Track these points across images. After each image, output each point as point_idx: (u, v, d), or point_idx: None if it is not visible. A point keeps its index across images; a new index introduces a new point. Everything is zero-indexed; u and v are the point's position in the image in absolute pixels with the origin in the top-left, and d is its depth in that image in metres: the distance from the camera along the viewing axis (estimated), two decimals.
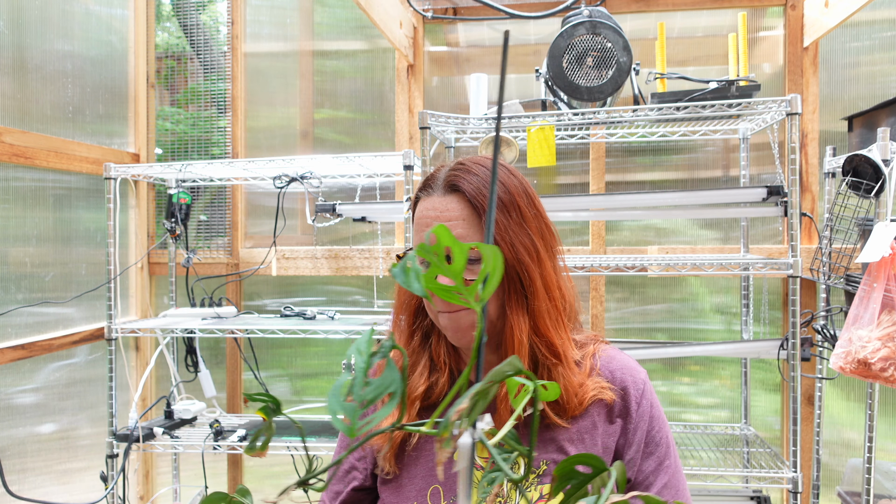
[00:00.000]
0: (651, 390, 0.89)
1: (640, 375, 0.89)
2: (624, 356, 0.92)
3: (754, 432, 2.01)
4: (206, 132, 2.43)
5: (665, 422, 0.89)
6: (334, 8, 2.41)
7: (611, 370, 0.88)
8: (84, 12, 2.16)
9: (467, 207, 0.81)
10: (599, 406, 0.86)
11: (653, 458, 0.86)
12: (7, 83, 1.86)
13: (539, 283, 0.82)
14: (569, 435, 0.84)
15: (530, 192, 0.87)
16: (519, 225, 0.82)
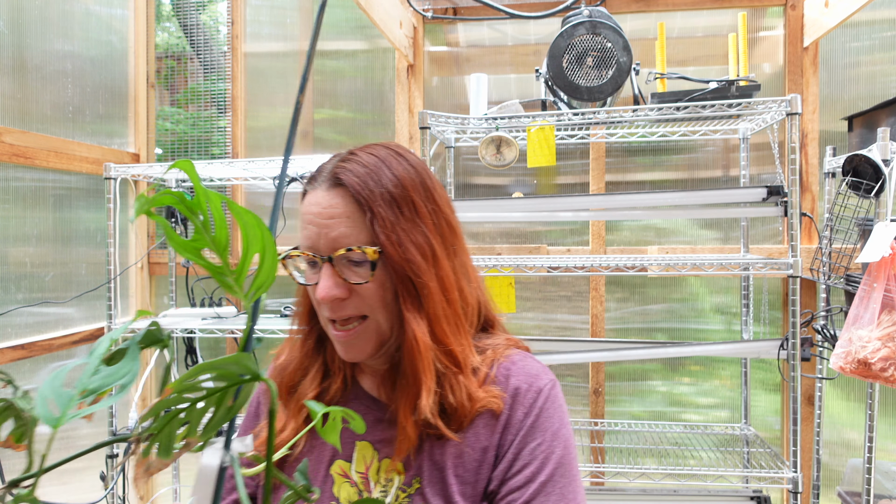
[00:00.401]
0: (550, 400, 0.79)
1: (539, 383, 0.79)
2: (530, 363, 0.82)
3: (754, 432, 2.01)
4: (206, 132, 2.43)
5: (560, 438, 0.77)
6: (334, 8, 2.41)
7: (507, 377, 0.79)
8: (84, 12, 2.16)
9: (351, 203, 0.73)
10: (487, 417, 0.77)
11: (525, 472, 0.74)
12: (7, 83, 1.86)
13: (434, 285, 0.75)
14: (454, 449, 0.76)
15: (430, 184, 0.79)
16: (411, 222, 0.75)
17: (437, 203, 0.79)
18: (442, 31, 2.32)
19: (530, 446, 0.75)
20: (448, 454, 0.76)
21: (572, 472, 0.76)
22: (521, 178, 2.28)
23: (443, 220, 0.79)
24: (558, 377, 2.28)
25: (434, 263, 0.75)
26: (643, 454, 1.97)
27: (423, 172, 0.80)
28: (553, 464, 0.75)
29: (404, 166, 0.77)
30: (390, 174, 0.75)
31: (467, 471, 0.75)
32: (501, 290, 1.77)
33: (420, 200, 0.76)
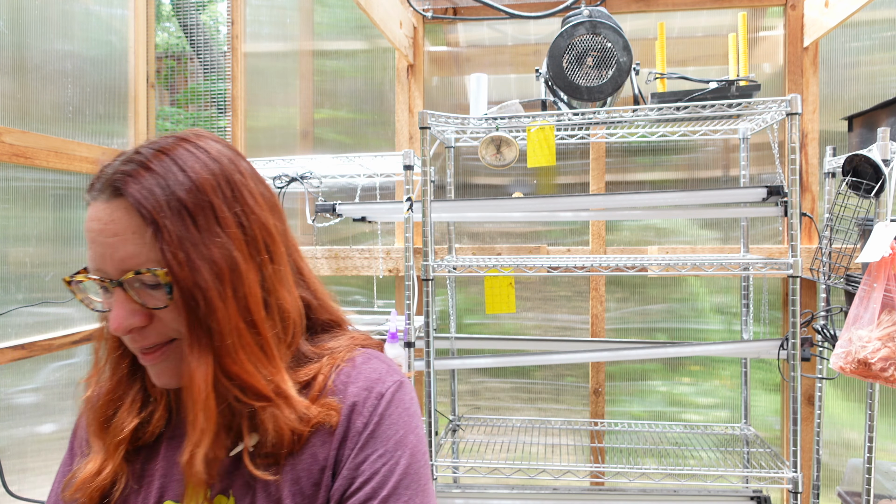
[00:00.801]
0: (394, 404, 0.70)
1: (380, 388, 0.70)
2: (373, 365, 0.73)
3: (754, 432, 2.01)
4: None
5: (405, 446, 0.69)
6: (334, 8, 2.41)
7: (346, 384, 0.70)
8: (84, 12, 2.16)
9: (135, 217, 0.62)
10: (323, 434, 0.68)
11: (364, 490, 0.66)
12: (7, 83, 1.86)
13: (230, 309, 0.64)
14: (291, 475, 0.67)
15: (238, 179, 0.68)
16: (206, 232, 0.64)
17: (245, 202, 0.67)
18: (442, 31, 2.32)
19: (370, 459, 0.67)
20: (285, 482, 0.67)
21: (420, 482, 0.68)
22: (521, 178, 2.28)
23: (254, 222, 0.67)
24: (558, 377, 2.29)
25: (233, 280, 0.64)
26: (643, 454, 1.97)
27: (230, 166, 0.68)
28: (397, 475, 0.67)
29: (203, 162, 0.66)
30: (182, 176, 0.64)
31: (306, 497, 0.67)
32: (501, 290, 1.77)
33: (221, 203, 0.65)
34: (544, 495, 1.83)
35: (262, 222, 0.68)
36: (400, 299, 2.27)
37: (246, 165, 0.71)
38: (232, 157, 0.69)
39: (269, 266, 0.68)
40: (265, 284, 0.68)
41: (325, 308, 0.77)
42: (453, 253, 2.18)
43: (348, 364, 0.72)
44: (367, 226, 2.32)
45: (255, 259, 0.67)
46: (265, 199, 0.71)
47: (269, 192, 0.72)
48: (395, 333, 1.77)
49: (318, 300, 0.76)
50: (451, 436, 2.12)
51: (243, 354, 0.65)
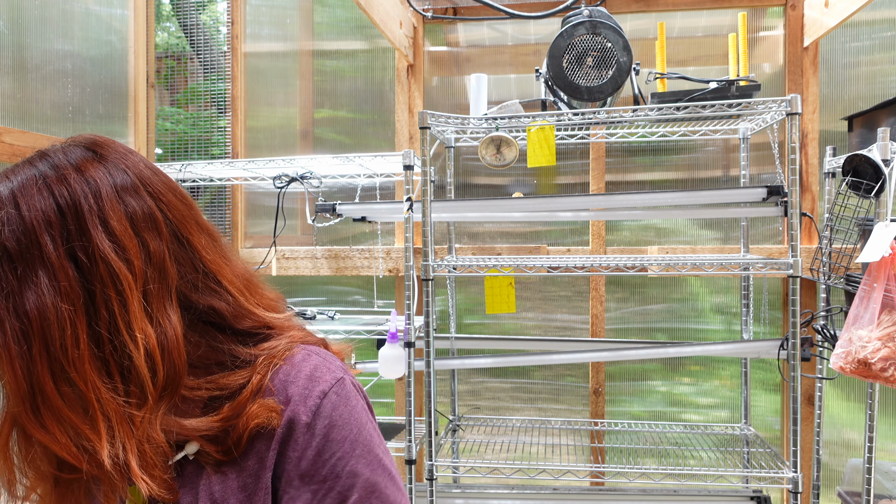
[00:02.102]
0: (338, 404, 0.66)
1: (321, 387, 0.66)
2: (313, 361, 0.69)
3: (754, 432, 2.01)
4: (206, 132, 2.43)
5: (360, 444, 0.66)
6: (334, 8, 2.41)
7: (285, 383, 0.66)
8: (84, 12, 2.16)
9: None
10: (267, 437, 0.64)
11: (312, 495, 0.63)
12: (7, 83, 1.86)
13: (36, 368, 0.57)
14: (228, 485, 0.64)
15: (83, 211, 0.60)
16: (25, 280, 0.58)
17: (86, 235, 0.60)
18: (442, 31, 2.32)
19: (322, 461, 0.64)
20: (229, 489, 0.64)
21: (387, 480, 0.66)
22: (521, 178, 2.28)
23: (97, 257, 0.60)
24: (558, 377, 2.29)
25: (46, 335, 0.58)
26: (643, 454, 1.97)
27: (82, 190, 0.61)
28: (362, 484, 0.64)
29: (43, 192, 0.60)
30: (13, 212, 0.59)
31: (255, 501, 0.64)
32: (501, 290, 1.77)
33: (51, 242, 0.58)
34: (544, 495, 1.83)
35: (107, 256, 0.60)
36: (400, 299, 2.27)
37: (117, 179, 0.63)
38: (91, 175, 0.62)
39: (116, 306, 0.60)
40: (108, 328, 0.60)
41: (247, 315, 0.69)
42: (453, 253, 2.18)
43: (286, 363, 0.68)
44: (367, 226, 2.32)
45: (93, 302, 0.59)
46: (136, 218, 0.62)
47: (152, 204, 0.64)
48: (395, 333, 1.77)
49: (238, 308, 0.69)
50: (451, 436, 2.12)
51: (50, 419, 0.58)
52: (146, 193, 0.64)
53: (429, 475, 1.69)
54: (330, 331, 1.92)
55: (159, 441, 0.61)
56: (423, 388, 2.06)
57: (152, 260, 0.63)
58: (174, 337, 0.62)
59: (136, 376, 0.60)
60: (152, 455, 0.61)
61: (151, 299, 0.62)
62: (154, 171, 0.68)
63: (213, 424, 0.63)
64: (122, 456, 0.59)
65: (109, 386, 0.60)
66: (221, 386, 0.65)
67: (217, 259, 0.69)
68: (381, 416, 2.31)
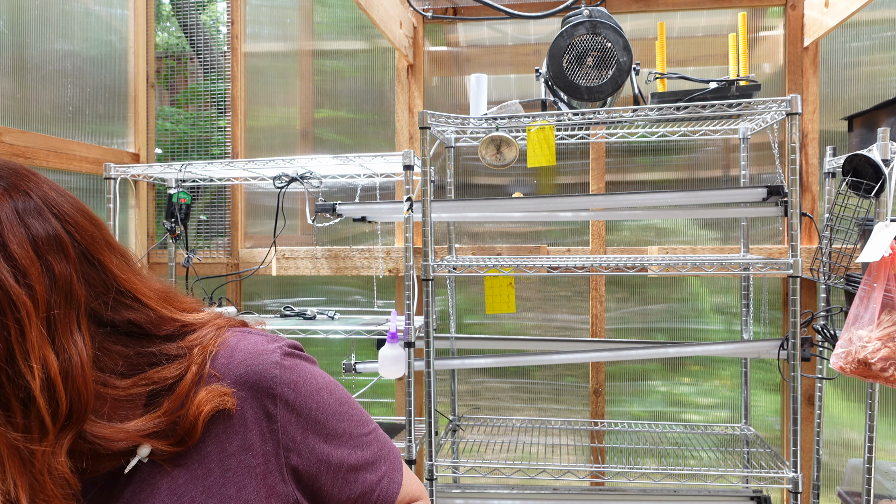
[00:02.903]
0: (291, 367, 0.69)
1: (272, 357, 0.68)
2: (249, 341, 0.70)
3: (754, 432, 2.01)
4: (206, 132, 2.43)
5: (322, 388, 0.70)
6: (334, 8, 2.41)
7: (232, 367, 0.67)
8: (84, 12, 2.16)
9: None
10: (224, 420, 0.66)
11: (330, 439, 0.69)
12: (7, 83, 1.86)
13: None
14: (192, 473, 0.65)
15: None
16: None
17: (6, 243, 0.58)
18: (442, 31, 2.32)
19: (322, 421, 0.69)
20: (195, 477, 0.65)
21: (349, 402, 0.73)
22: (521, 178, 2.28)
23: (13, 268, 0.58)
24: (558, 377, 2.29)
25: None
26: (643, 454, 1.97)
27: None
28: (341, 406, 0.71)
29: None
30: None
31: (223, 484, 0.65)
32: (501, 290, 1.77)
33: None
34: (544, 495, 1.83)
35: (3, 282, 0.58)
36: (400, 299, 2.27)
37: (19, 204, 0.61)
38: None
39: (13, 333, 0.58)
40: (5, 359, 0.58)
41: (163, 320, 0.69)
42: (453, 253, 2.18)
43: (222, 347, 0.69)
44: (367, 226, 2.32)
45: None
46: (38, 241, 0.61)
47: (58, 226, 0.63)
48: (395, 333, 1.77)
49: (154, 316, 0.68)
50: (451, 436, 2.12)
51: None
52: (51, 215, 0.62)
53: (429, 475, 1.69)
54: (330, 331, 1.92)
55: (59, 473, 0.59)
56: (423, 388, 2.06)
57: (57, 283, 0.61)
58: (79, 363, 0.60)
59: (35, 406, 0.58)
60: (52, 488, 0.58)
61: (56, 324, 0.60)
62: (60, 192, 0.66)
63: (158, 420, 0.63)
64: (13, 493, 0.56)
65: (7, 419, 0.57)
66: (156, 380, 0.65)
67: (131, 277, 0.68)
68: (381, 415, 2.31)
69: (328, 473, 0.69)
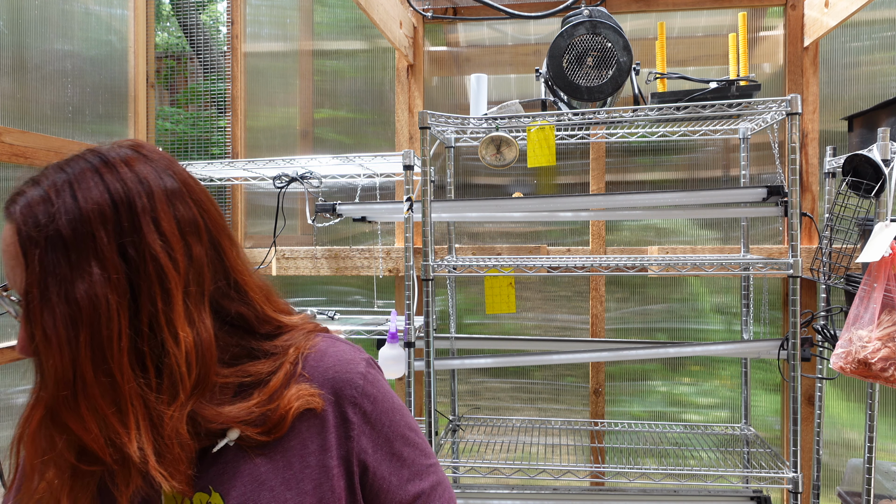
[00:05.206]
0: (373, 380, 0.73)
1: (358, 368, 0.72)
2: (338, 348, 0.74)
3: (754, 432, 2.01)
4: (206, 132, 2.43)
5: (396, 409, 0.74)
6: (334, 8, 2.41)
7: (321, 370, 0.71)
8: (84, 12, 2.16)
9: (17, 243, 0.61)
10: (309, 419, 0.69)
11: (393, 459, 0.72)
12: (7, 83, 1.86)
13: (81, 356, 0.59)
14: (274, 464, 0.68)
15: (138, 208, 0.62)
16: (78, 269, 0.59)
17: (139, 232, 0.62)
18: (442, 31, 2.32)
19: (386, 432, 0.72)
20: (276, 468, 0.68)
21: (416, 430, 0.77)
22: (521, 178, 2.28)
23: (147, 254, 0.62)
24: (558, 377, 2.29)
25: (93, 324, 0.59)
26: (643, 454, 1.97)
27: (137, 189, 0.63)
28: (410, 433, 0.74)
29: (104, 185, 0.62)
30: (70, 202, 0.61)
31: (301, 479, 0.68)
32: (501, 290, 1.77)
33: (106, 235, 0.60)
34: (544, 495, 1.83)
35: (157, 255, 0.62)
36: (400, 299, 2.27)
37: (167, 183, 0.65)
38: (145, 176, 0.64)
39: (160, 305, 0.62)
40: (149, 325, 0.62)
41: (265, 320, 0.73)
42: (453, 253, 2.18)
43: (313, 350, 0.73)
44: (367, 226, 2.32)
45: (137, 298, 0.61)
46: (182, 222, 0.65)
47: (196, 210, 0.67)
48: (395, 333, 1.77)
49: (259, 314, 0.73)
50: (451, 436, 2.12)
51: (85, 408, 0.59)
52: (190, 200, 0.67)
53: None
54: None
55: (185, 437, 0.63)
56: (423, 388, 2.06)
57: (194, 264, 0.66)
58: (208, 339, 0.65)
59: (170, 373, 0.62)
60: (179, 451, 0.63)
61: (190, 301, 0.65)
62: (195, 180, 0.71)
63: (252, 410, 0.66)
64: (146, 450, 0.60)
65: (143, 380, 0.62)
66: (251, 373, 0.69)
67: (244, 271, 0.73)
68: None
69: (388, 493, 0.71)
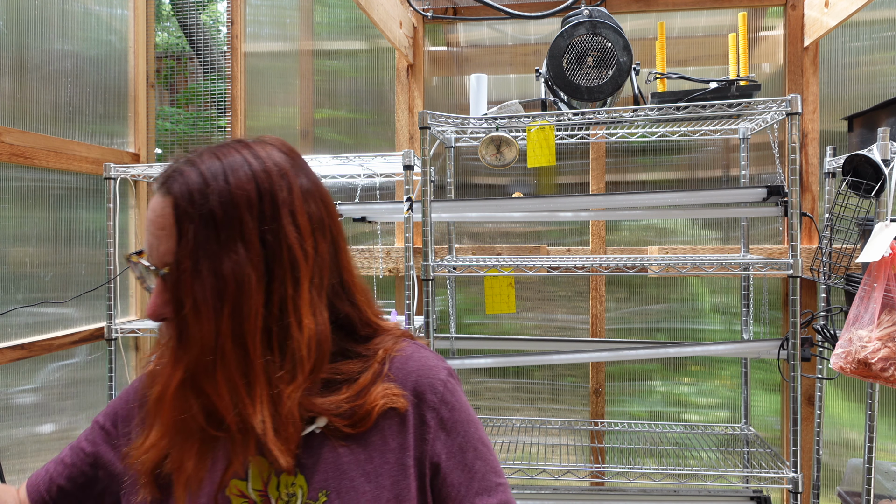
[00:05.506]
0: (453, 390, 0.77)
1: (440, 375, 0.77)
2: (423, 353, 0.79)
3: (754, 432, 2.01)
4: (206, 132, 2.43)
5: (472, 421, 0.78)
6: (334, 8, 2.41)
7: (405, 373, 0.76)
8: (84, 12, 2.16)
9: (172, 217, 0.66)
10: (391, 417, 0.73)
11: (463, 468, 0.75)
12: (7, 83, 1.86)
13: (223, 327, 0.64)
14: (355, 456, 0.72)
15: (279, 199, 0.68)
16: (226, 247, 0.65)
17: (279, 222, 0.68)
18: (442, 31, 2.32)
19: (459, 440, 0.75)
20: (357, 460, 0.72)
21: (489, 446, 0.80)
22: (521, 178, 2.28)
23: (283, 242, 0.67)
24: (558, 377, 2.29)
25: (236, 299, 0.65)
26: (643, 454, 1.97)
27: (280, 182, 0.69)
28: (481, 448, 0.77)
29: (253, 173, 0.68)
30: (224, 185, 0.66)
31: (380, 474, 0.72)
32: (501, 290, 1.77)
33: (252, 220, 0.66)
34: (544, 495, 1.83)
35: (293, 245, 0.68)
36: (400, 299, 2.27)
37: (302, 182, 0.71)
38: (286, 172, 0.70)
39: (290, 290, 0.68)
40: (279, 309, 0.67)
41: (367, 323, 0.79)
42: (453, 253, 2.18)
43: (399, 354, 0.78)
44: (367, 226, 2.32)
45: (272, 282, 0.67)
46: (313, 218, 0.71)
47: (323, 210, 0.73)
48: None
49: (362, 316, 0.78)
50: None
51: (221, 375, 0.65)
52: (321, 201, 0.73)
53: None
54: None
55: (297, 418, 0.68)
56: None
57: (318, 259, 0.71)
58: (325, 331, 0.71)
59: (291, 356, 0.68)
60: (292, 429, 0.68)
61: (314, 293, 0.70)
62: (322, 183, 0.77)
63: (342, 403, 0.71)
64: (266, 424, 0.66)
65: (270, 359, 0.67)
66: (341, 371, 0.74)
67: (354, 274, 0.78)
68: None
69: (455, 501, 0.74)
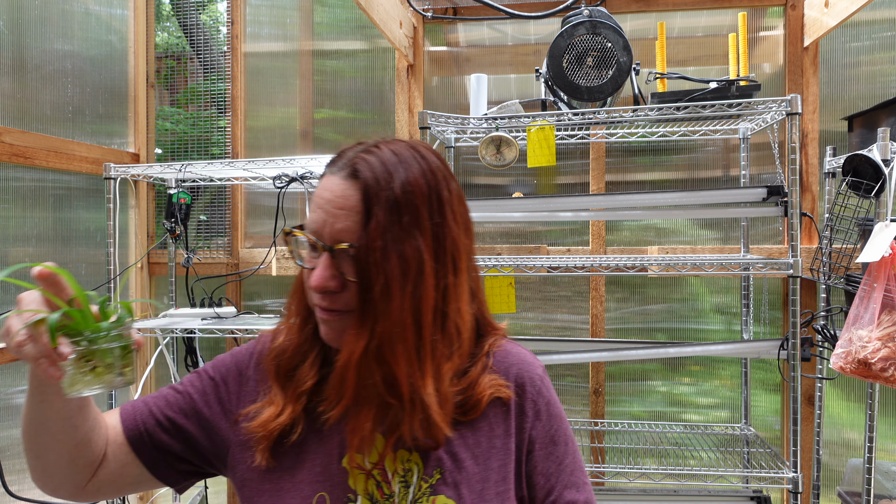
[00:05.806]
0: (548, 386, 0.85)
1: (537, 371, 0.84)
2: (520, 350, 0.87)
3: (754, 432, 2.01)
4: (206, 132, 2.43)
5: (563, 418, 0.84)
6: (334, 8, 2.41)
7: (506, 366, 0.83)
8: (84, 12, 2.16)
9: (360, 200, 0.71)
10: (497, 406, 0.80)
11: (552, 458, 0.81)
12: (7, 83, 1.86)
13: (405, 303, 0.70)
14: (465, 440, 0.78)
15: (445, 195, 0.75)
16: (406, 231, 0.71)
17: (444, 217, 0.75)
18: (442, 31, 2.32)
19: (552, 432, 0.82)
20: (466, 444, 0.78)
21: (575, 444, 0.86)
22: (521, 178, 2.28)
23: (448, 237, 0.75)
24: (558, 377, 2.29)
25: (416, 279, 0.71)
26: (643, 454, 1.97)
27: (442, 183, 0.76)
28: (571, 444, 0.84)
29: (423, 171, 0.74)
30: (404, 177, 0.73)
31: (489, 457, 0.78)
32: (501, 290, 1.77)
33: (426, 210, 0.73)
34: None
35: (455, 239, 0.76)
36: None
37: (455, 186, 0.79)
38: (445, 175, 0.77)
39: (452, 279, 0.75)
40: (443, 294, 0.74)
41: (487, 324, 0.86)
42: None
43: (501, 349, 0.85)
44: None
45: (439, 269, 0.74)
46: (463, 220, 0.78)
47: (467, 215, 0.80)
48: None
49: (486, 319, 0.85)
50: None
51: (400, 348, 0.71)
52: (464, 204, 0.80)
53: None
54: None
55: (450, 396, 0.76)
56: None
57: (469, 254, 0.80)
58: (471, 320, 0.80)
59: (450, 337, 0.76)
60: (448, 405, 0.75)
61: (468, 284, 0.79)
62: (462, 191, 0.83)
63: (456, 391, 0.77)
64: (433, 397, 0.73)
65: (437, 338, 0.74)
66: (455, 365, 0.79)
67: (478, 276, 0.84)
68: None
69: (541, 489, 0.80)
